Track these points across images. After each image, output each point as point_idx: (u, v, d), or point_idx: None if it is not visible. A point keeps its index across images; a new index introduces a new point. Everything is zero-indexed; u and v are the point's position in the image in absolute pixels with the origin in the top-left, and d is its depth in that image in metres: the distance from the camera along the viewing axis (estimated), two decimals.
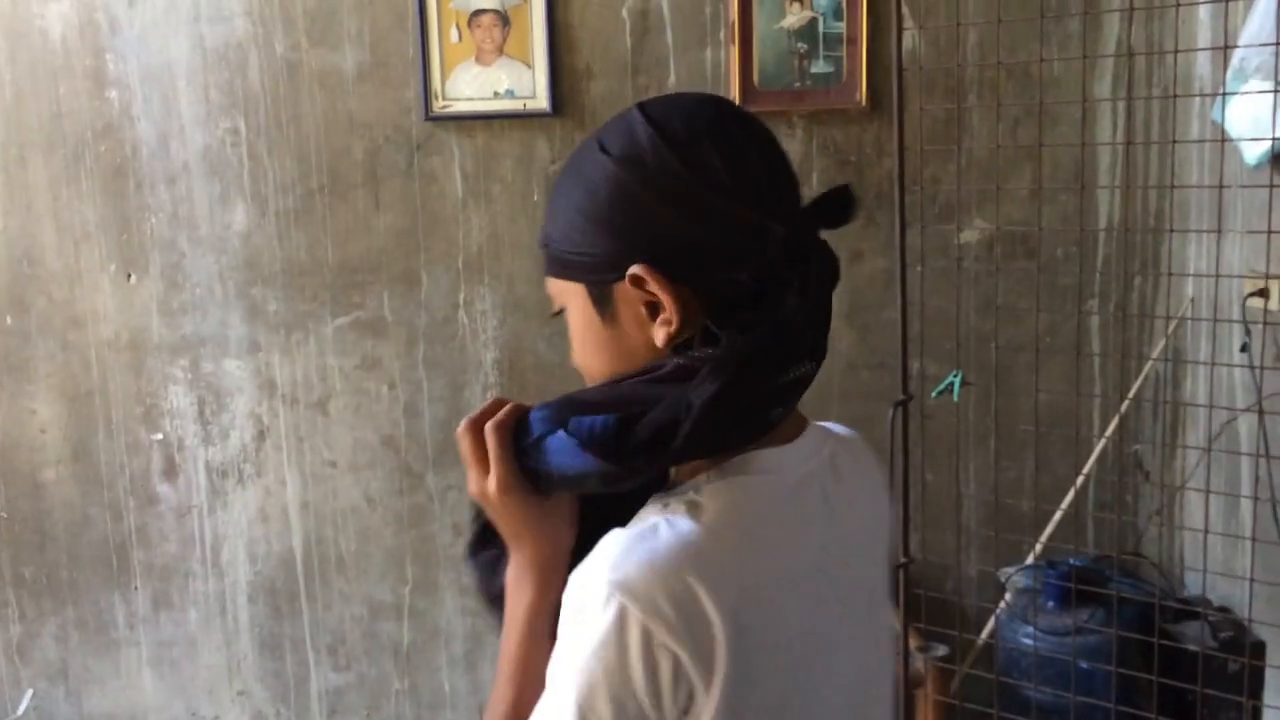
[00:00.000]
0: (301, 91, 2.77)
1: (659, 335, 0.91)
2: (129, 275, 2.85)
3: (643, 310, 0.92)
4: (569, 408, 0.93)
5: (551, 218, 0.97)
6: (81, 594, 2.99)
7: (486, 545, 1.02)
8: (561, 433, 0.92)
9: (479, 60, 2.73)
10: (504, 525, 0.97)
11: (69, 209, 2.83)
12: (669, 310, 0.90)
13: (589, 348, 0.97)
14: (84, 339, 2.88)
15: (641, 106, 0.94)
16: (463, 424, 0.97)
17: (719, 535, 0.87)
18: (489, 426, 0.95)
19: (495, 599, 1.01)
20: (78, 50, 2.77)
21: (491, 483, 0.95)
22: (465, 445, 0.97)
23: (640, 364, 0.93)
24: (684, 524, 0.86)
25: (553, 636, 0.88)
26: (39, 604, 3.00)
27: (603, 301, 0.94)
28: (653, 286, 0.90)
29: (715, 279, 0.90)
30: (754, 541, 0.89)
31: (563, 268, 0.96)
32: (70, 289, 2.86)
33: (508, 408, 0.97)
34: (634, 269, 0.90)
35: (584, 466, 0.91)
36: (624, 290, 0.92)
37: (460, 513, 2.91)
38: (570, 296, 0.96)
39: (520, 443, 0.95)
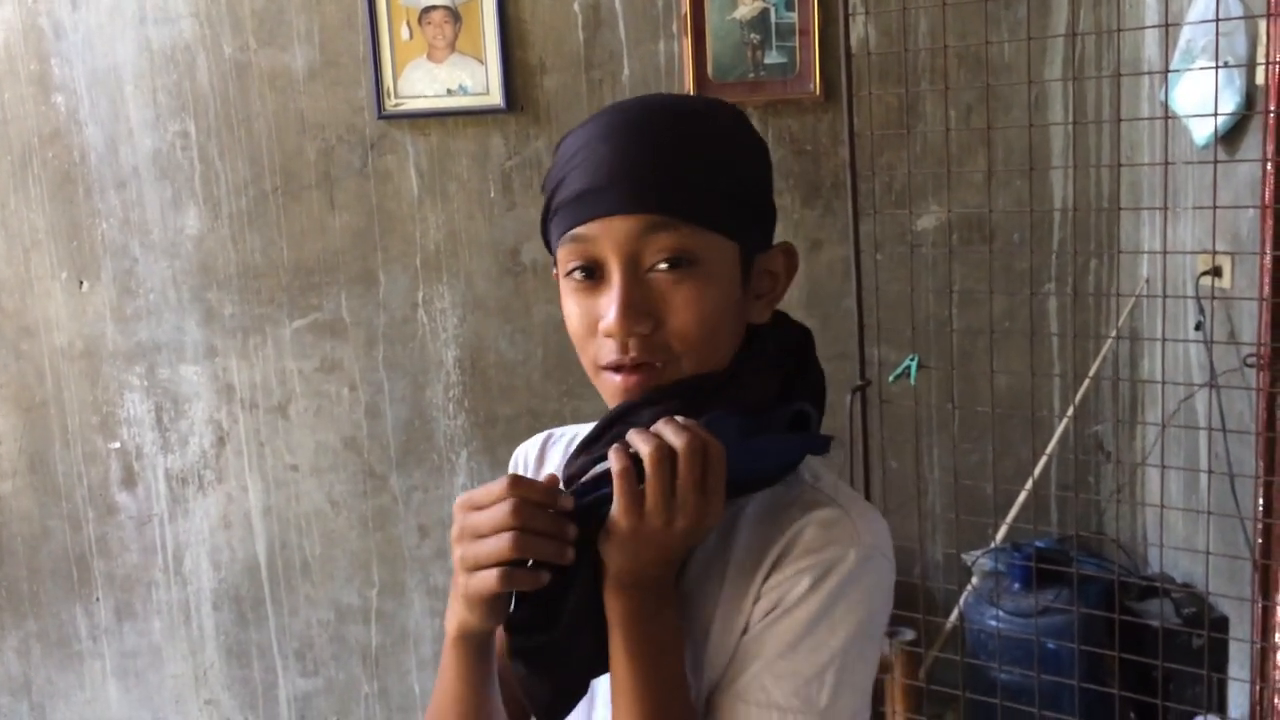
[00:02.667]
0: (251, 92, 2.74)
1: (765, 312, 0.95)
2: (81, 282, 2.81)
3: (757, 284, 0.94)
4: (733, 410, 0.88)
5: (706, 162, 0.88)
6: (43, 607, 2.95)
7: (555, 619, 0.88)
8: (765, 436, 0.89)
9: (431, 57, 2.71)
10: (679, 553, 0.86)
11: (17, 217, 2.79)
12: (782, 289, 0.96)
13: (719, 311, 0.90)
14: (37, 348, 2.84)
15: (700, 95, 1.00)
16: (652, 453, 0.82)
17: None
18: (716, 452, 0.83)
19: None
20: (21, 55, 2.73)
21: (715, 515, 0.84)
22: (668, 476, 0.82)
23: (738, 335, 0.93)
24: (859, 497, 0.97)
25: None
26: None
27: (746, 266, 0.92)
28: (784, 264, 0.96)
29: None
30: None
31: (727, 220, 0.89)
32: (21, 298, 2.82)
33: (698, 426, 0.85)
34: (786, 244, 0.96)
35: (785, 460, 0.92)
36: (761, 260, 0.94)
37: (425, 514, 2.89)
38: (715, 252, 0.89)
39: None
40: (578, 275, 0.90)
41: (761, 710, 0.85)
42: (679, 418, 0.85)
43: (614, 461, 0.83)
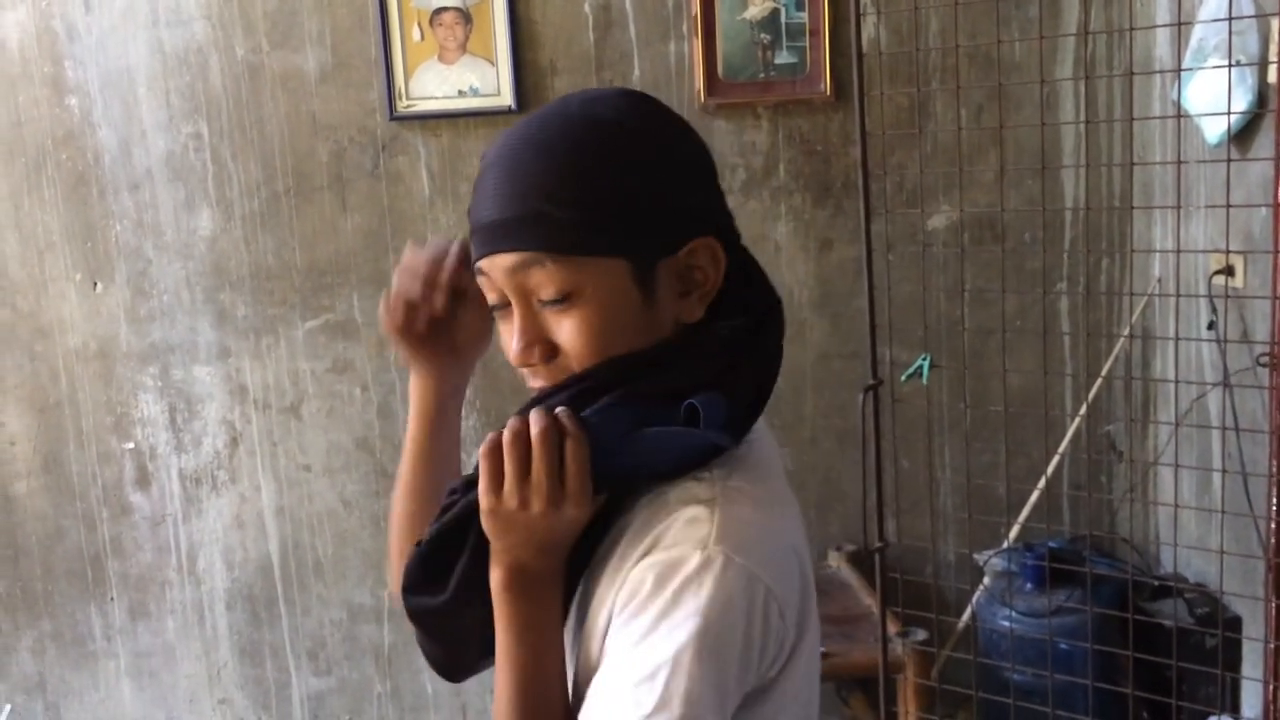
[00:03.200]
0: (264, 94, 2.75)
1: (697, 309, 0.92)
2: (95, 284, 2.83)
3: (679, 283, 0.92)
4: (633, 400, 0.88)
5: (578, 188, 0.87)
6: (57, 607, 2.96)
7: (440, 575, 0.94)
8: (656, 428, 0.87)
9: (442, 59, 2.72)
10: (547, 539, 0.88)
11: (31, 218, 2.80)
12: (713, 283, 0.92)
13: (615, 331, 0.89)
14: (51, 349, 2.85)
15: (619, 90, 0.96)
16: (507, 435, 0.86)
17: (782, 505, 0.94)
18: (575, 441, 0.85)
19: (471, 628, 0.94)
20: (35, 58, 2.74)
21: (574, 504, 0.86)
22: (522, 458, 0.86)
23: (655, 339, 0.91)
24: (750, 497, 0.89)
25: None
26: (14, 618, 2.97)
27: (646, 277, 0.89)
28: (708, 258, 0.92)
29: (738, 251, 0.96)
30: (791, 512, 0.97)
31: (605, 242, 0.87)
32: (36, 299, 2.84)
33: (566, 415, 0.87)
34: (702, 241, 0.91)
35: (683, 454, 0.88)
36: (671, 264, 0.91)
37: None
38: (597, 277, 0.88)
39: (600, 443, 0.87)
40: (494, 308, 0.94)
41: (599, 704, 0.84)
42: (561, 408, 0.87)
43: (483, 444, 0.87)
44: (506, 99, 2.72)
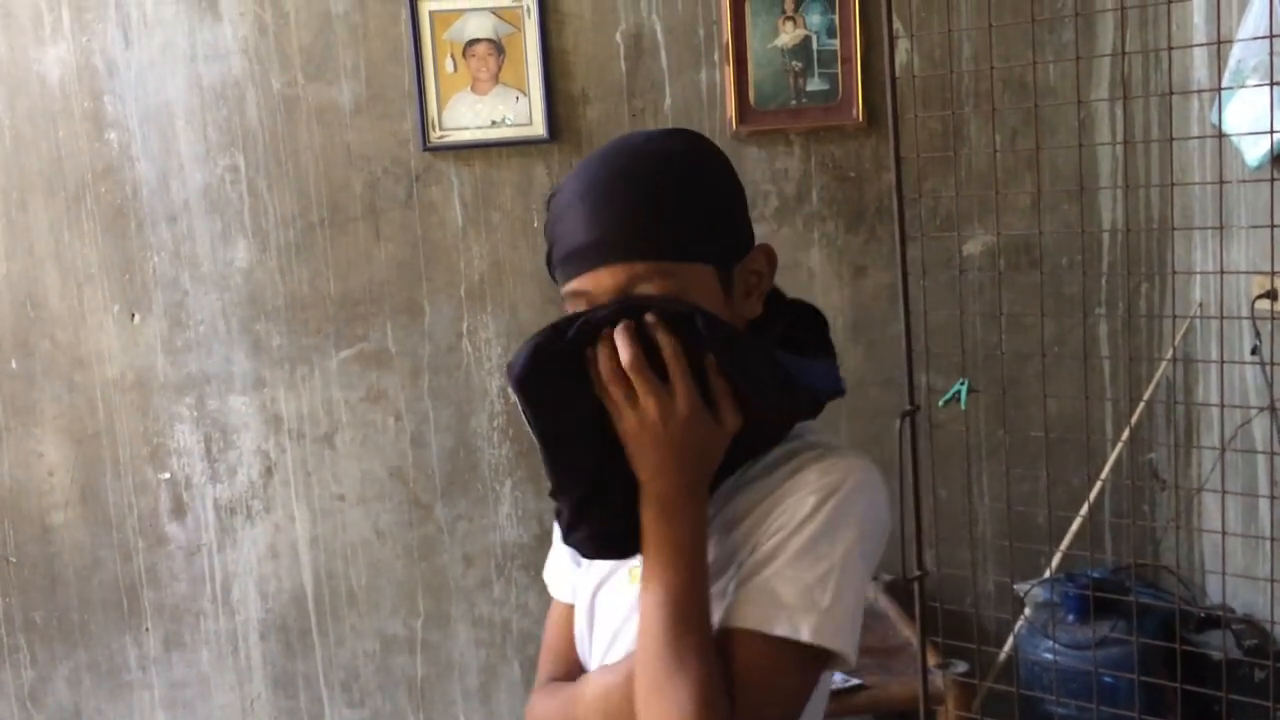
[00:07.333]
0: (299, 126, 2.78)
1: (757, 305, 1.11)
2: (133, 315, 2.85)
3: (743, 286, 1.09)
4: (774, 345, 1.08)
5: (672, 205, 1.03)
6: (93, 637, 2.97)
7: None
8: (786, 356, 1.07)
9: (475, 90, 2.73)
10: (693, 457, 1.01)
11: (71, 251, 2.84)
12: (768, 283, 1.12)
13: None
14: (89, 380, 2.88)
15: (666, 129, 1.16)
16: (627, 357, 0.99)
17: None
18: (673, 350, 0.99)
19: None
20: (76, 93, 2.79)
21: (683, 403, 0.99)
22: (634, 376, 0.99)
23: None
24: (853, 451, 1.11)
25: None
26: (50, 648, 2.98)
27: (727, 280, 1.07)
28: (765, 261, 1.11)
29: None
30: None
31: (698, 250, 1.04)
32: (74, 330, 2.86)
33: (669, 333, 1.01)
34: (760, 246, 1.11)
35: (827, 388, 1.10)
36: (741, 269, 1.08)
37: (470, 543, 2.89)
38: (694, 280, 1.04)
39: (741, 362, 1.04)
40: None
41: (773, 609, 0.99)
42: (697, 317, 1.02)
43: (603, 368, 1.04)
44: (539, 129, 2.73)
